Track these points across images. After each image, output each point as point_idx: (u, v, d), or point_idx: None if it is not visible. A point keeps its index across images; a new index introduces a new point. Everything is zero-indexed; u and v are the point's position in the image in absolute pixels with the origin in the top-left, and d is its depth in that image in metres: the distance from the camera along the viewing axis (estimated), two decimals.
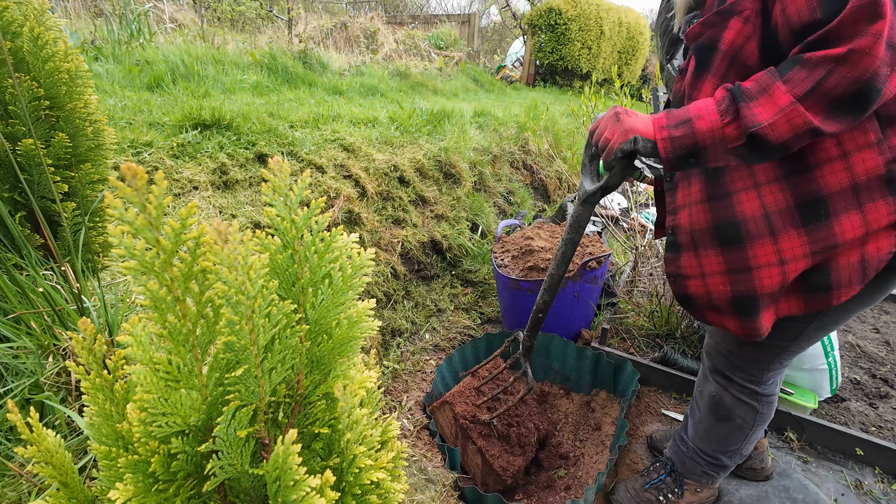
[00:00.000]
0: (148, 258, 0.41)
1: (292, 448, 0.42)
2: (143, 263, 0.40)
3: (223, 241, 0.42)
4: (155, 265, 0.41)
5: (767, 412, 1.31)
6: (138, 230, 0.40)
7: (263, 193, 0.49)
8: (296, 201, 0.50)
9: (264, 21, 7.50)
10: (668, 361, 2.13)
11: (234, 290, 0.43)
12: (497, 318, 2.60)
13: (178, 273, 0.42)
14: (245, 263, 0.43)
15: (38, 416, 0.95)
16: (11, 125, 1.09)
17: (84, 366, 0.53)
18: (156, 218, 0.40)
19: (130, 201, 0.39)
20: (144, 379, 0.43)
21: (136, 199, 0.39)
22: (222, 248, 0.42)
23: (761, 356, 1.20)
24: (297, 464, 0.42)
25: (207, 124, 2.28)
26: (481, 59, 10.14)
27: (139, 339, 0.44)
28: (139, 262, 0.40)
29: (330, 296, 0.52)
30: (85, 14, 4.76)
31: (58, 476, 0.52)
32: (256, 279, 0.43)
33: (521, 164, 4.02)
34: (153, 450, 0.45)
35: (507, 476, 1.56)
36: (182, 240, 0.42)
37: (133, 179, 0.39)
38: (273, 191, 0.49)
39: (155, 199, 0.40)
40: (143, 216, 0.40)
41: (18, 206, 1.16)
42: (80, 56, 1.17)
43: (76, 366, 0.52)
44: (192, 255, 0.43)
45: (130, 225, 0.40)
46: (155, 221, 0.40)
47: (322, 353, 0.53)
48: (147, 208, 0.39)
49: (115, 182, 0.39)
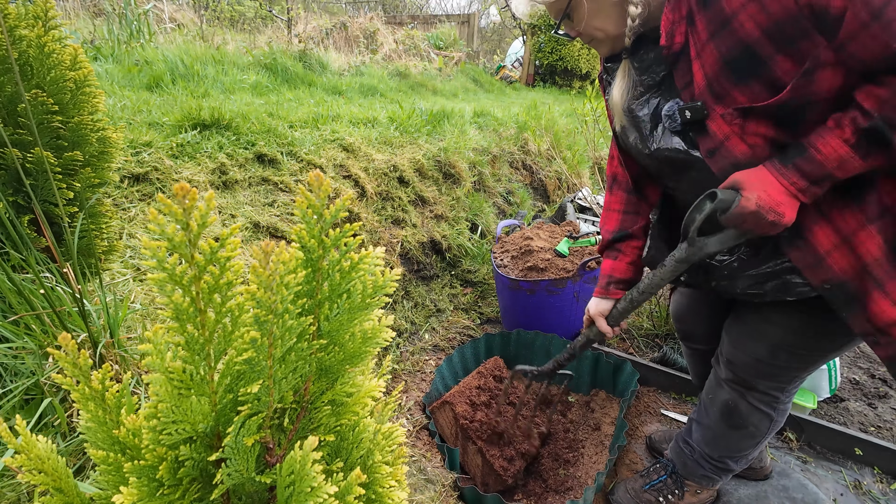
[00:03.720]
0: (178, 272, 0.41)
1: (311, 455, 0.42)
2: (173, 277, 0.41)
3: (265, 262, 0.42)
4: (184, 279, 0.41)
5: (780, 420, 1.30)
6: (176, 247, 0.40)
7: (296, 207, 0.48)
8: (329, 222, 0.49)
9: (264, 21, 7.49)
10: (667, 362, 2.13)
11: (264, 310, 0.43)
12: (496, 318, 2.60)
13: (205, 286, 0.42)
14: (281, 283, 0.43)
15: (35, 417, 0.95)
16: (19, 134, 1.09)
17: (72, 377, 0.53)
18: (196, 235, 0.41)
19: (176, 218, 0.39)
20: (160, 388, 0.43)
21: (182, 218, 0.40)
22: (264, 269, 0.42)
23: (797, 363, 1.17)
24: (316, 471, 0.42)
25: (207, 124, 2.28)
26: (481, 60, 10.14)
27: (159, 348, 0.44)
28: (169, 276, 0.41)
29: (346, 311, 0.51)
30: (84, 14, 4.75)
31: (51, 483, 0.52)
32: (287, 297, 0.43)
33: (520, 165, 4.02)
34: (160, 456, 0.45)
35: (508, 476, 1.56)
36: (217, 258, 0.42)
37: (184, 199, 0.39)
38: (308, 207, 0.48)
39: (199, 218, 0.40)
40: (183, 234, 0.40)
41: (21, 209, 1.16)
42: (89, 65, 1.17)
43: (63, 377, 0.52)
44: (221, 270, 0.43)
45: (170, 241, 0.40)
46: (194, 239, 0.41)
47: (332, 362, 0.53)
48: (190, 226, 0.40)
49: (163, 198, 0.39)
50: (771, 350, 1.17)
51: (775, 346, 1.16)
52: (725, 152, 0.95)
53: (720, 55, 0.88)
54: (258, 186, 2.15)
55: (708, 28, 0.88)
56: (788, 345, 1.15)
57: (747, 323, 1.21)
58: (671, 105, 1.00)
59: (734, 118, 0.91)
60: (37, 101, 1.08)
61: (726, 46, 0.87)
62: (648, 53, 1.03)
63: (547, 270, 2.17)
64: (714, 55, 0.89)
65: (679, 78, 0.97)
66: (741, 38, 0.85)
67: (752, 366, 1.22)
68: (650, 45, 1.02)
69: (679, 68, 0.97)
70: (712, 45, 0.89)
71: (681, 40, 0.93)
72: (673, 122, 1.01)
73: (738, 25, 0.84)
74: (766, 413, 1.27)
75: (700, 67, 0.92)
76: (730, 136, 0.93)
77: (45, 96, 1.08)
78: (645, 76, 1.05)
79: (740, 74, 0.88)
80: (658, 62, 1.01)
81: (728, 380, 1.29)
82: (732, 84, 0.89)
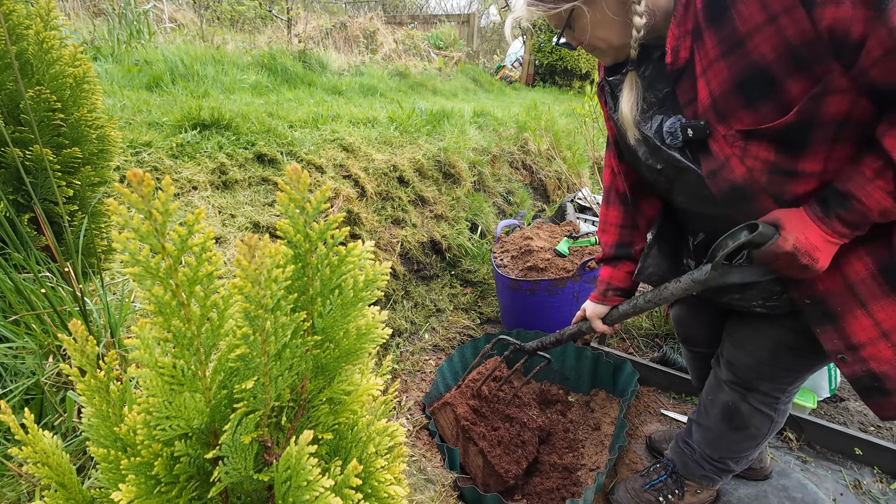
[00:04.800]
0: (153, 264, 0.40)
1: (307, 449, 0.42)
2: (148, 269, 0.40)
3: (251, 256, 0.41)
4: (160, 271, 0.41)
5: (781, 420, 1.30)
6: (143, 237, 0.40)
7: (278, 203, 0.48)
8: (312, 215, 0.49)
9: (264, 21, 7.50)
10: (667, 361, 2.13)
11: (253, 305, 0.42)
12: (496, 318, 2.60)
13: (183, 278, 0.42)
14: (269, 277, 0.42)
15: (36, 417, 0.95)
16: (20, 131, 1.09)
17: (79, 367, 0.53)
18: (161, 224, 0.40)
19: (136, 208, 0.39)
20: (150, 382, 0.43)
21: (142, 206, 0.39)
22: (249, 263, 0.41)
23: (799, 365, 1.17)
24: (312, 464, 0.42)
25: (206, 124, 2.28)
26: (481, 59, 10.14)
27: (146, 343, 0.44)
28: (143, 268, 0.40)
29: (339, 306, 0.51)
30: (84, 14, 4.75)
31: (55, 477, 0.52)
32: (277, 292, 0.43)
33: (520, 164, 4.02)
34: (156, 452, 0.45)
35: (510, 477, 1.56)
36: (188, 246, 0.42)
37: (139, 186, 0.39)
38: (289, 201, 0.48)
39: (161, 206, 0.39)
40: (148, 223, 0.39)
41: (21, 207, 1.16)
42: (88, 62, 1.16)
43: (70, 368, 0.52)
44: (198, 260, 0.42)
45: (136, 231, 0.39)
46: (161, 228, 0.40)
47: (328, 360, 0.52)
48: (153, 214, 0.39)
49: (120, 188, 0.38)
50: (773, 351, 1.17)
51: (777, 347, 1.16)
52: (727, 173, 0.95)
53: (731, 76, 0.86)
54: (258, 186, 2.15)
55: (718, 46, 0.86)
56: (790, 346, 1.14)
57: (749, 324, 1.21)
58: (673, 122, 0.98)
59: (736, 140, 0.90)
60: (39, 98, 1.08)
61: (738, 68, 0.85)
62: (650, 68, 1.00)
63: (547, 270, 2.17)
64: (724, 75, 0.87)
65: (682, 94, 0.95)
66: (755, 61, 0.83)
67: (754, 367, 1.22)
68: (653, 61, 0.99)
69: (682, 84, 0.94)
70: (722, 65, 0.86)
71: (685, 55, 0.91)
72: (675, 140, 0.99)
73: (752, 47, 0.82)
74: (767, 414, 1.27)
75: (706, 85, 0.90)
76: (731, 157, 0.92)
77: (47, 93, 1.08)
78: (648, 93, 1.02)
79: (751, 97, 0.86)
80: (661, 78, 0.99)
81: (728, 381, 1.29)
82: (741, 106, 0.87)
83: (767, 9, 0.79)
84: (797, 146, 0.87)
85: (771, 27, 0.80)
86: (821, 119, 0.82)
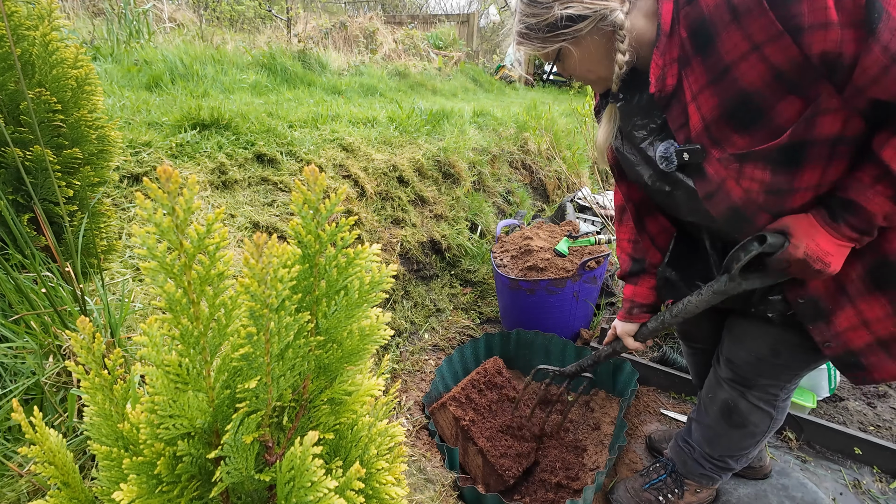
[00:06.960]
0: (168, 260, 0.41)
1: (311, 450, 0.42)
2: (164, 265, 0.41)
3: (258, 255, 0.42)
4: (175, 268, 0.41)
5: (780, 418, 1.31)
6: (164, 233, 0.40)
7: (292, 203, 0.48)
8: (325, 217, 0.49)
9: (263, 21, 7.50)
10: (666, 361, 2.13)
11: (259, 304, 0.43)
12: (496, 317, 2.60)
13: (195, 276, 0.42)
14: (275, 277, 0.42)
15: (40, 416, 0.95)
16: (20, 132, 1.09)
17: (83, 365, 0.53)
18: (182, 221, 0.40)
19: (161, 203, 0.39)
20: (156, 381, 0.43)
21: (167, 202, 0.39)
22: (256, 262, 0.42)
23: (798, 361, 1.18)
24: (316, 465, 0.42)
25: (206, 124, 2.28)
26: (480, 59, 10.14)
27: (154, 340, 0.44)
28: (160, 264, 0.41)
29: (344, 308, 0.51)
30: (84, 13, 4.75)
31: (60, 476, 0.52)
32: (282, 292, 0.43)
33: (520, 164, 4.02)
34: (159, 452, 0.45)
35: (510, 476, 1.56)
36: (204, 245, 0.42)
37: (167, 182, 0.39)
38: (304, 202, 0.48)
39: (185, 203, 0.40)
40: (170, 219, 0.40)
41: (21, 207, 1.16)
42: (90, 63, 1.17)
43: (75, 365, 0.52)
44: (211, 260, 0.43)
45: (157, 227, 0.40)
46: (181, 225, 0.40)
47: (330, 360, 0.52)
48: (176, 211, 0.40)
49: (148, 182, 0.39)
50: (772, 348, 1.18)
51: (777, 344, 1.17)
52: (723, 196, 0.97)
53: (720, 102, 0.87)
54: (258, 186, 2.15)
55: (707, 74, 0.87)
56: (790, 343, 1.15)
57: (749, 322, 1.22)
58: (667, 146, 1.01)
59: (731, 163, 0.92)
60: (40, 100, 1.08)
61: (728, 94, 0.86)
62: (644, 96, 1.03)
63: (546, 270, 2.17)
64: (713, 101, 0.88)
65: (672, 120, 0.97)
66: (743, 87, 0.84)
67: (753, 364, 1.23)
68: (644, 89, 1.02)
69: (672, 110, 0.96)
70: (711, 91, 0.88)
71: (672, 82, 0.92)
72: (670, 164, 1.01)
73: (739, 75, 0.83)
74: (766, 411, 1.27)
75: (696, 110, 0.91)
76: (726, 179, 0.94)
77: (48, 94, 1.08)
78: (647, 120, 1.05)
79: (743, 122, 0.87)
80: (657, 105, 1.01)
81: (728, 379, 1.30)
82: (733, 130, 0.89)
83: (751, 38, 0.80)
84: (793, 165, 0.88)
85: (755, 55, 0.81)
86: (814, 138, 0.84)
